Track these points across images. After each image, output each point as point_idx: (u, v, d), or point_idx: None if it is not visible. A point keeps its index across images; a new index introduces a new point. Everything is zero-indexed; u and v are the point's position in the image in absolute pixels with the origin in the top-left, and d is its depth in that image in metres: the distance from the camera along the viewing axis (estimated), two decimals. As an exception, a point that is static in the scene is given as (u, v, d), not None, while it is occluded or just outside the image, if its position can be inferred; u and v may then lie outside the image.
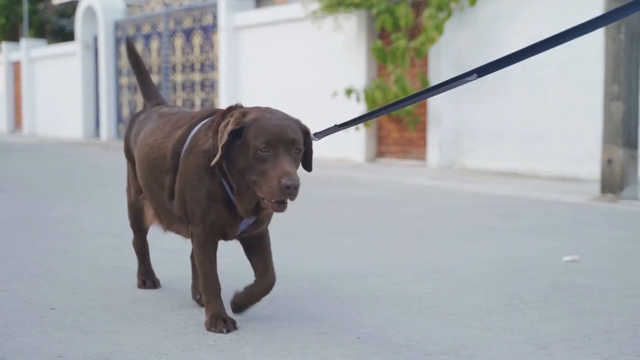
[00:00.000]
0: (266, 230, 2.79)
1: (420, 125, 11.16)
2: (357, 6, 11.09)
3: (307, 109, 11.76)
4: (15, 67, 24.57)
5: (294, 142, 2.46)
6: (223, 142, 2.47)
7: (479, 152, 10.29)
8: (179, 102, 16.78)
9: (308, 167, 2.66)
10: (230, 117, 2.56)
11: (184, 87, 16.68)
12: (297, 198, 2.43)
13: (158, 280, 3.34)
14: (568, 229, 5.31)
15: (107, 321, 2.80)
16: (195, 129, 2.75)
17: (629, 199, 7.01)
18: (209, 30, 15.67)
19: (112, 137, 19.13)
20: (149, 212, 3.13)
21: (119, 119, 19.08)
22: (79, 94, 20.22)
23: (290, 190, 2.36)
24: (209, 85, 15.88)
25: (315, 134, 2.76)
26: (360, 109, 11.39)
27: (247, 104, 2.85)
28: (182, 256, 3.83)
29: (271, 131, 2.43)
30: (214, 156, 2.54)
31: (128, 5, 18.94)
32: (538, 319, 2.89)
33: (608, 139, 7.20)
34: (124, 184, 3.41)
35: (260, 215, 2.65)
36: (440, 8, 10.08)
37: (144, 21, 17.82)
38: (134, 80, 18.06)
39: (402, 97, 10.47)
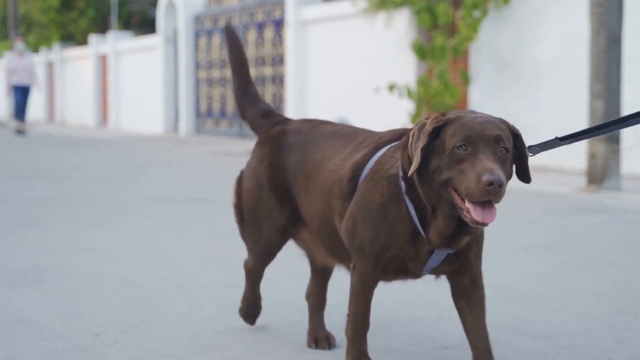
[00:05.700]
0: (478, 276, 2.68)
1: (461, 120, 13.11)
2: (401, 4, 13.16)
3: (367, 104, 13.94)
4: (103, 60, 27.78)
5: (499, 140, 2.40)
6: (422, 144, 2.41)
7: (517, 147, 12.13)
8: (253, 97, 19.26)
9: (525, 176, 2.61)
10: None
11: (256, 81, 19.17)
12: None
13: (261, 309, 3.40)
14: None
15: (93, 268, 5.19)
16: (382, 151, 2.70)
17: (610, 189, 8.83)
18: (279, 24, 18.09)
19: (190, 131, 21.81)
20: (318, 253, 3.12)
21: (197, 113, 21.77)
22: (160, 88, 23.06)
23: (494, 188, 2.28)
24: (278, 80, 18.29)
25: (530, 147, 2.70)
26: (404, 105, 13.42)
27: (312, 99, 3.51)
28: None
29: (471, 127, 2.39)
30: (407, 169, 2.50)
31: (208, -3, 21.64)
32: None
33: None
34: (154, 174, 5.38)
35: (458, 244, 2.53)
36: (475, 6, 12.03)
37: (221, 15, 20.45)
38: (212, 74, 20.75)
39: (444, 92, 12.53)
